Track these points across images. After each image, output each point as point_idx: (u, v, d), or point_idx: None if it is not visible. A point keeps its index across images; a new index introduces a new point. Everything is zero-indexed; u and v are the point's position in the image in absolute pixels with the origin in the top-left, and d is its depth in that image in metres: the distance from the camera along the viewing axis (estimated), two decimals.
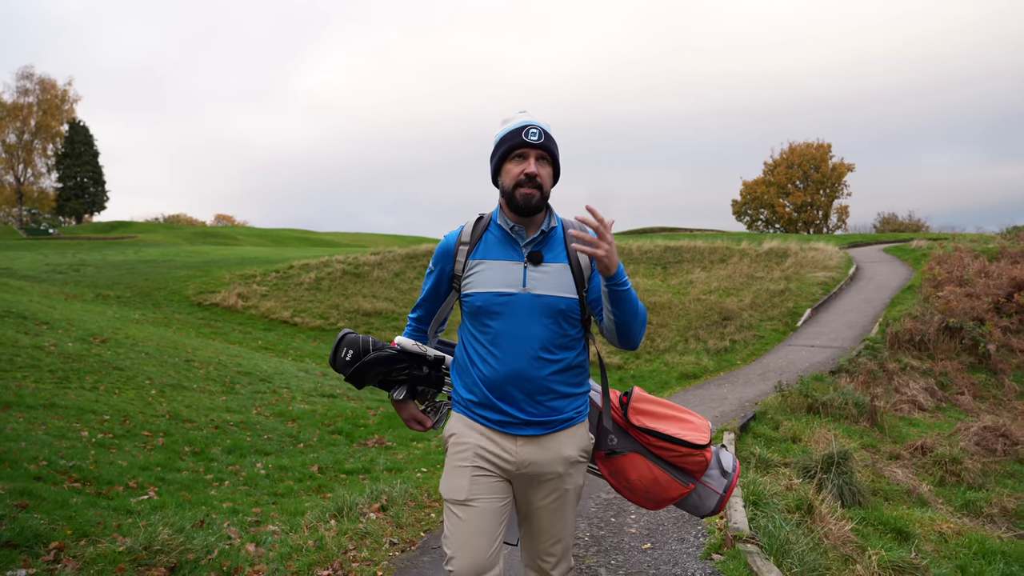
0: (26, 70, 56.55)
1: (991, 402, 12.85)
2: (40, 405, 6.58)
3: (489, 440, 2.20)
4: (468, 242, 2.28)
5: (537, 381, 2.16)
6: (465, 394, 2.26)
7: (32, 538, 3.48)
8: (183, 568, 3.51)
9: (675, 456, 2.25)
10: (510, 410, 2.18)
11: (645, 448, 2.28)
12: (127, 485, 5.02)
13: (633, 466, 2.27)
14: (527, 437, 2.19)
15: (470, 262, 2.25)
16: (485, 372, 2.20)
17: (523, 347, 2.16)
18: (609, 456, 2.30)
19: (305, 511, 4.71)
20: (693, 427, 2.29)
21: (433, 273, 2.35)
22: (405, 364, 2.35)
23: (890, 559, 4.79)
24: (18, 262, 24.04)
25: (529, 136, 2.18)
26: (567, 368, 2.22)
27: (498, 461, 2.19)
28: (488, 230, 2.29)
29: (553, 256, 2.23)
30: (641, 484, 2.27)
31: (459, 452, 2.22)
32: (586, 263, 2.24)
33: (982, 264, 17.82)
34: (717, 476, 2.33)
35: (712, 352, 14.72)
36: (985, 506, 7.42)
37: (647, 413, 2.32)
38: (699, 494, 2.31)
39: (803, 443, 8.12)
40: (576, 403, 2.26)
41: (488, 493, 2.16)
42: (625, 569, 3.76)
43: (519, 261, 2.21)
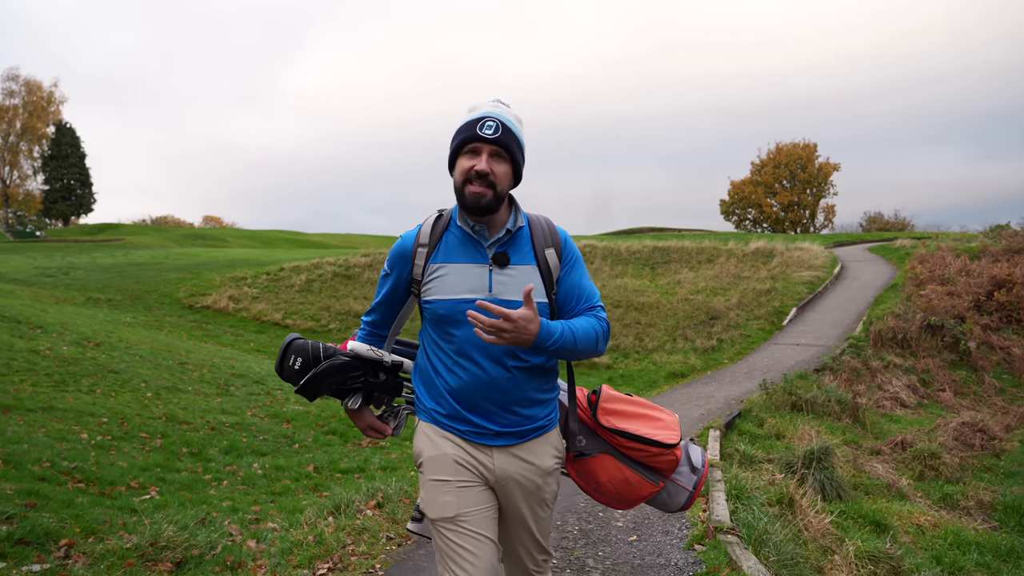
0: (11, 72, 56.25)
1: (972, 398, 13.13)
2: (39, 408, 6.70)
3: (463, 450, 2.08)
4: (427, 244, 2.11)
5: (508, 391, 2.06)
6: (431, 404, 2.14)
7: (43, 535, 3.63)
8: (188, 563, 3.67)
9: (646, 456, 2.19)
10: (481, 422, 2.07)
11: (615, 448, 2.22)
12: (129, 485, 5.16)
13: (603, 467, 2.21)
14: (500, 448, 2.09)
15: (430, 266, 2.10)
16: (452, 383, 2.07)
17: (491, 356, 2.04)
18: (578, 458, 2.23)
19: (303, 509, 4.87)
20: (663, 425, 2.24)
21: (390, 277, 2.19)
22: (360, 372, 2.18)
23: (866, 549, 5.00)
24: (6, 265, 24.00)
25: (483, 129, 2.01)
26: (539, 373, 2.12)
27: (478, 469, 2.08)
28: (448, 230, 2.13)
29: (520, 257, 2.09)
30: (611, 485, 2.22)
31: (437, 466, 2.08)
32: (555, 264, 2.12)
33: (963, 263, 18.15)
34: (687, 473, 2.28)
35: (699, 351, 14.95)
36: (962, 499, 7.65)
37: (616, 413, 2.24)
38: (668, 491, 2.27)
39: (787, 440, 8.33)
40: (547, 409, 2.17)
41: (477, 504, 2.06)
42: (612, 560, 3.94)
43: (484, 264, 2.07)
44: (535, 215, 2.20)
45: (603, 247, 23.65)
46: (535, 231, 2.14)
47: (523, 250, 2.10)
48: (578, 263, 2.18)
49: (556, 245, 2.14)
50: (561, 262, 2.14)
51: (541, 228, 2.15)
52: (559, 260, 2.13)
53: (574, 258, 2.17)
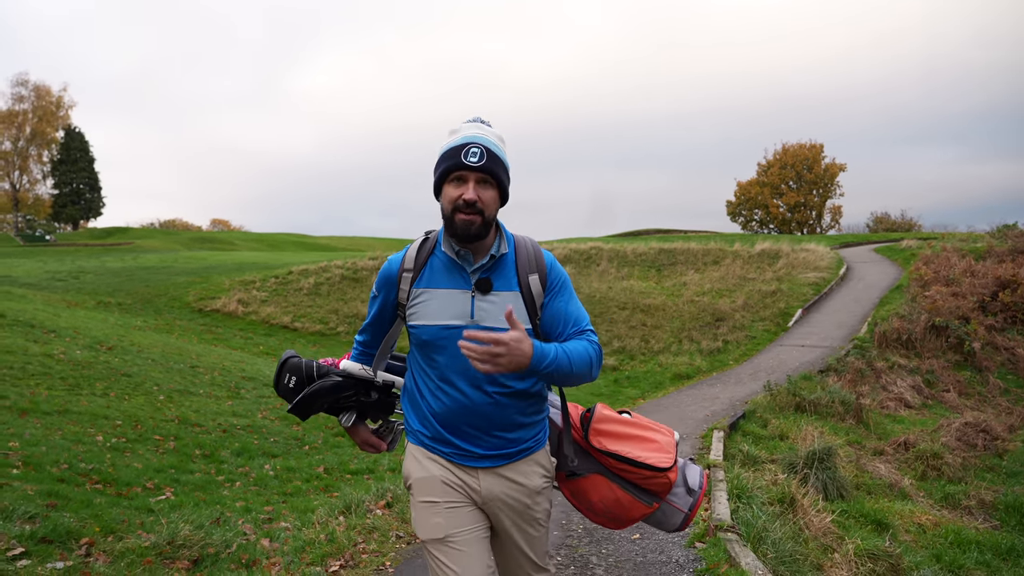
0: (21, 77, 56.85)
1: (976, 399, 13.18)
2: (55, 411, 6.85)
3: (450, 472, 2.08)
4: (412, 268, 2.11)
5: (490, 416, 2.05)
6: (417, 426, 2.14)
7: (64, 534, 3.76)
8: (205, 561, 3.79)
9: (638, 478, 2.16)
10: (465, 445, 2.07)
11: (606, 469, 2.19)
12: (144, 486, 5.30)
13: (595, 487, 2.19)
14: (486, 469, 2.08)
15: (414, 290, 2.09)
16: (435, 407, 2.08)
17: (472, 383, 2.03)
18: (570, 477, 2.22)
19: (315, 509, 5.00)
20: (657, 447, 2.19)
21: (377, 299, 2.19)
22: (352, 391, 2.21)
23: (865, 547, 5.09)
24: (17, 269, 24.24)
25: (468, 157, 1.98)
26: (524, 397, 2.09)
27: (466, 490, 2.08)
28: (433, 254, 2.12)
29: (503, 283, 2.07)
30: (603, 506, 2.20)
31: (425, 489, 2.09)
32: (538, 291, 2.09)
33: (968, 263, 18.18)
34: (682, 494, 2.24)
35: (705, 353, 15.03)
36: (963, 499, 7.72)
37: (608, 434, 2.21)
38: (664, 512, 2.23)
39: (790, 440, 8.41)
40: (534, 431, 2.15)
41: (468, 524, 2.05)
42: (615, 557, 4.06)
43: (467, 290, 2.05)
44: (521, 238, 2.17)
45: (609, 249, 23.75)
46: (520, 256, 2.11)
47: (507, 276, 2.08)
48: (564, 288, 2.14)
49: (541, 271, 2.11)
50: (545, 289, 2.10)
51: (526, 253, 2.12)
52: (543, 287, 2.09)
53: (560, 283, 2.13)
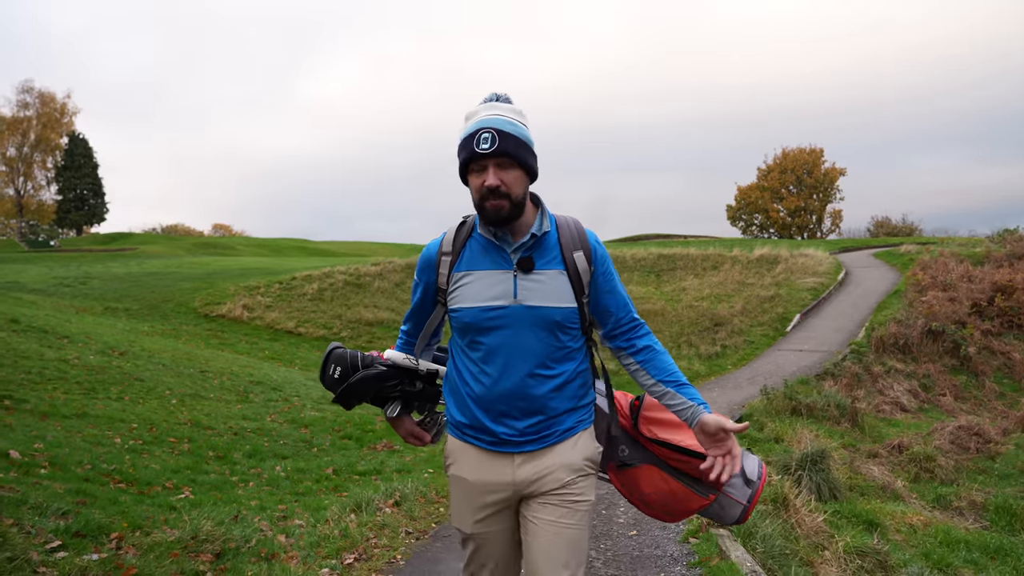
0: (26, 84, 57.18)
1: (972, 403, 13.40)
2: (73, 415, 7.08)
3: (484, 468, 2.06)
4: (451, 252, 2.08)
5: (534, 399, 2.01)
6: (457, 415, 2.12)
7: (96, 529, 3.99)
8: (227, 555, 4.02)
9: (692, 468, 2.08)
10: (502, 430, 2.03)
11: (659, 459, 2.13)
12: (164, 486, 5.53)
13: (648, 479, 2.13)
14: (525, 454, 2.04)
15: (455, 274, 2.07)
16: (476, 391, 2.04)
17: (518, 364, 1.99)
18: (621, 468, 2.16)
19: (326, 507, 5.22)
20: None
21: (419, 286, 2.19)
22: (396, 380, 2.20)
23: (854, 545, 5.32)
24: (24, 275, 24.49)
25: (480, 145, 1.94)
26: (567, 382, 2.06)
27: (499, 490, 2.06)
28: (472, 237, 2.09)
29: (546, 262, 2.02)
30: (657, 498, 2.13)
31: (459, 485, 2.12)
32: (584, 267, 2.04)
33: (966, 268, 18.41)
34: (740, 485, 2.14)
35: (704, 357, 15.26)
36: (955, 500, 7.94)
37: (659, 422, 2.15)
38: (721, 504, 2.14)
39: (785, 443, 8.63)
40: (577, 416, 2.09)
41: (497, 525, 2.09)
42: (613, 552, 4.28)
43: (508, 270, 2.01)
44: (563, 217, 2.12)
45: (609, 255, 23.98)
46: (563, 234, 2.06)
47: (550, 254, 2.03)
48: (608, 268, 2.10)
49: (585, 248, 2.05)
50: (592, 266, 2.05)
51: (569, 231, 2.07)
52: (588, 264, 2.04)
53: (605, 263, 2.09)
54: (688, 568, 3.97)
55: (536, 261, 2.01)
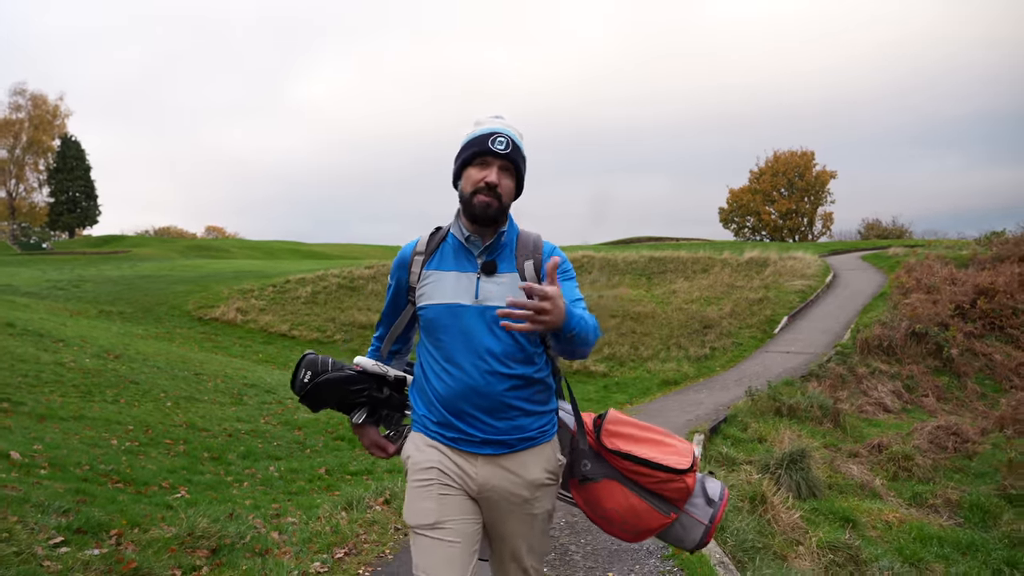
0: (18, 86, 57.21)
1: (954, 403, 13.65)
2: (71, 417, 7.24)
3: (448, 458, 2.11)
4: (424, 252, 2.21)
5: (494, 397, 2.08)
6: (423, 411, 2.18)
7: (96, 526, 4.17)
8: (222, 551, 4.20)
9: (653, 482, 2.12)
10: (465, 428, 2.09)
11: (620, 474, 2.15)
12: (160, 485, 5.70)
13: (609, 494, 2.15)
14: (486, 456, 2.10)
15: (424, 272, 2.19)
16: (440, 389, 2.12)
17: (477, 362, 2.08)
18: (583, 483, 2.19)
19: (319, 505, 5.41)
20: (674, 451, 2.16)
21: (391, 287, 2.30)
22: (364, 386, 2.25)
23: (827, 540, 5.54)
24: (17, 278, 24.53)
25: (495, 145, 2.11)
26: (527, 384, 2.12)
27: (463, 478, 2.10)
28: (445, 241, 2.23)
29: (507, 266, 2.16)
30: (617, 514, 2.15)
31: (421, 471, 2.12)
32: (531, 275, 2.15)
33: (950, 271, 18.69)
34: (702, 504, 2.18)
35: (693, 359, 15.47)
36: (931, 497, 8.16)
37: (622, 436, 2.19)
38: (682, 524, 2.18)
39: (768, 443, 8.85)
40: (540, 421, 2.16)
41: (459, 513, 2.07)
42: (592, 546, 4.48)
43: (472, 272, 2.14)
44: (527, 230, 2.26)
45: (600, 258, 24.21)
46: (521, 243, 2.20)
47: (509, 259, 2.17)
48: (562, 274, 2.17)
49: (536, 258, 2.18)
50: (539, 274, 2.15)
51: (527, 241, 2.21)
52: (536, 272, 2.15)
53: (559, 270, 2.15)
54: (662, 560, 4.16)
55: (499, 264, 2.15)
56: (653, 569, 4.04)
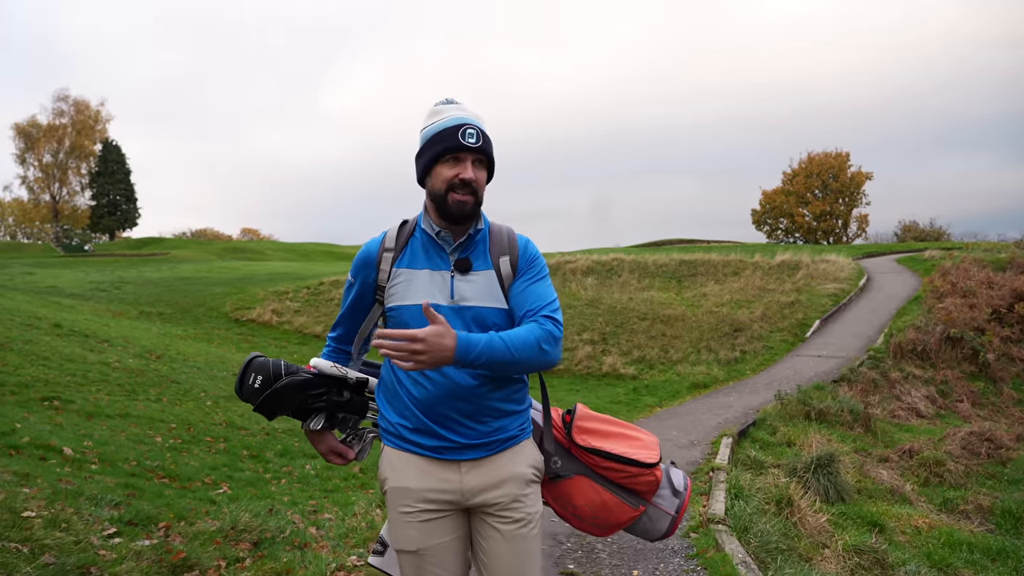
0: (61, 92, 58.88)
1: (989, 409, 13.46)
2: (117, 415, 7.54)
3: (430, 475, 2.02)
4: (393, 248, 2.10)
5: (476, 400, 2.01)
6: (396, 418, 2.07)
7: (145, 519, 4.39)
8: (263, 544, 4.41)
9: (623, 477, 2.13)
10: (447, 434, 2.01)
11: (591, 469, 2.15)
12: (203, 481, 5.94)
13: (579, 490, 2.14)
14: (470, 462, 2.03)
15: (395, 271, 2.08)
16: (416, 394, 2.01)
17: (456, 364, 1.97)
18: (553, 480, 2.15)
19: (353, 503, 5.60)
20: (642, 444, 2.18)
21: (354, 286, 2.16)
22: (322, 390, 2.10)
23: (853, 543, 5.58)
24: (61, 280, 25.31)
25: (467, 138, 2.01)
26: (506, 383, 2.07)
27: (444, 497, 2.02)
28: (414, 236, 2.12)
29: (481, 263, 2.08)
30: (588, 510, 2.13)
31: (400, 499, 2.04)
32: (507, 272, 2.09)
33: (987, 275, 18.40)
34: (668, 496, 2.21)
35: (723, 362, 15.46)
36: (962, 503, 8.12)
37: (592, 432, 2.18)
38: (649, 516, 2.19)
39: (796, 447, 8.87)
40: (520, 420, 2.11)
41: (441, 535, 2.03)
42: (618, 545, 4.60)
43: (446, 270, 2.06)
44: (499, 224, 2.19)
45: (631, 260, 24.24)
46: (494, 238, 2.13)
47: (482, 256, 2.09)
48: (532, 268, 2.12)
49: (512, 253, 2.11)
50: (515, 270, 2.09)
51: (500, 235, 2.14)
52: (512, 269, 2.09)
53: (529, 264, 2.12)
54: (686, 559, 4.27)
55: (473, 262, 2.07)
56: (677, 568, 4.15)
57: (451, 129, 2.02)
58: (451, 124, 2.03)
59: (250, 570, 3.92)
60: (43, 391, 7.62)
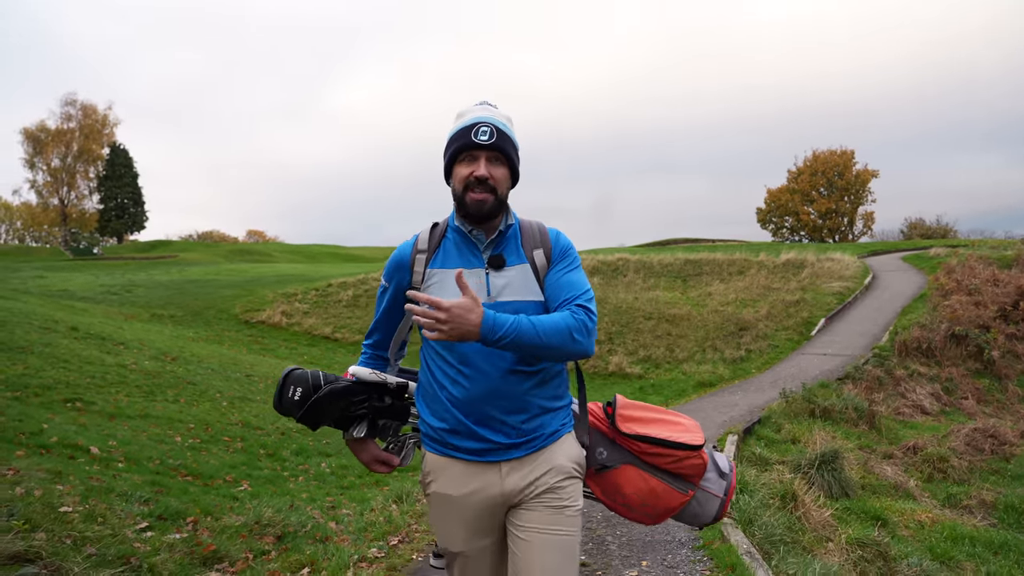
0: (69, 97, 59.22)
1: (995, 406, 13.58)
2: (137, 416, 7.74)
3: (471, 479, 2.02)
4: (426, 249, 2.11)
5: (516, 398, 2.00)
6: (436, 423, 2.06)
7: (174, 514, 4.58)
8: (287, 538, 4.59)
9: (670, 462, 2.12)
10: (488, 435, 2.00)
11: (637, 458, 2.14)
12: (224, 479, 6.13)
13: (627, 479, 2.13)
14: (511, 462, 2.02)
15: (429, 271, 2.08)
16: (456, 394, 2.00)
17: (497, 361, 1.98)
18: (600, 472, 2.15)
19: (370, 499, 5.78)
20: (684, 428, 2.18)
21: (388, 290, 2.17)
22: (363, 396, 2.11)
23: (856, 536, 5.73)
24: (72, 283, 25.55)
25: (478, 136, 2.02)
26: (547, 380, 2.08)
27: (487, 500, 2.02)
28: (446, 236, 2.13)
29: (514, 258, 2.08)
30: (638, 498, 2.13)
31: (442, 505, 2.06)
32: (543, 263, 2.09)
33: (992, 272, 18.49)
34: (715, 479, 2.20)
35: (728, 361, 15.59)
36: (965, 499, 8.25)
37: (635, 419, 2.18)
38: (699, 500, 2.18)
39: (801, 444, 9.01)
40: (560, 417, 2.11)
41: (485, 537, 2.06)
42: (628, 537, 4.77)
43: (480, 268, 2.06)
44: (528, 219, 2.19)
45: (636, 260, 24.38)
46: (524, 232, 2.14)
47: (516, 250, 2.10)
48: (566, 258, 2.13)
49: (545, 245, 2.12)
50: (549, 261, 2.11)
51: (530, 229, 2.15)
52: (547, 260, 2.10)
53: (563, 254, 2.13)
54: (693, 551, 4.44)
55: (506, 258, 2.07)
56: (684, 558, 4.32)
57: (465, 128, 2.05)
58: (467, 124, 2.06)
59: (276, 562, 4.11)
60: (65, 393, 7.82)
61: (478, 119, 2.05)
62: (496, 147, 2.03)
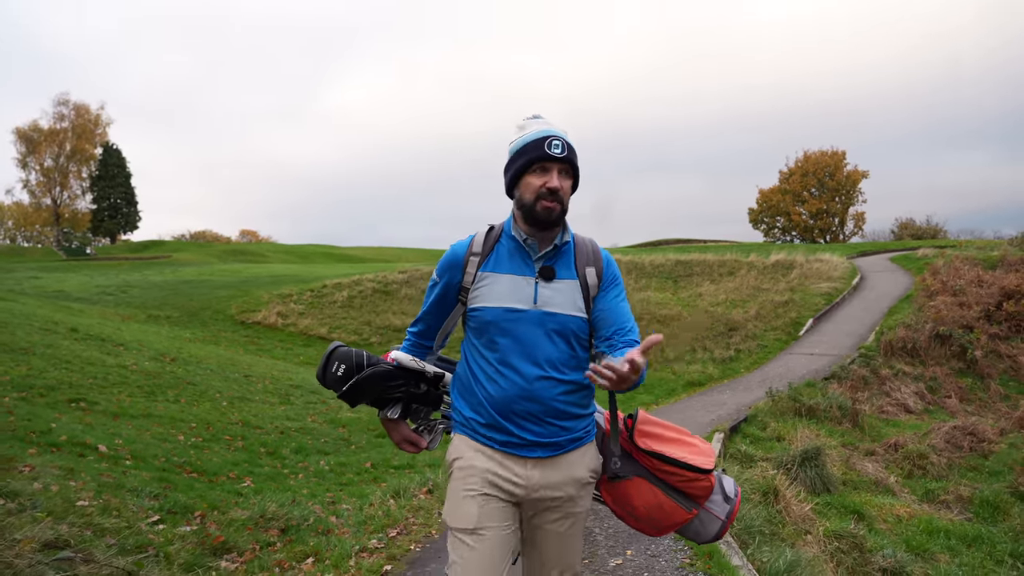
0: (62, 97, 59.10)
1: (977, 404, 13.89)
2: (140, 415, 7.95)
3: (497, 464, 2.14)
4: (480, 252, 2.21)
5: (546, 402, 2.12)
6: (469, 414, 2.19)
7: (182, 508, 4.81)
8: (290, 530, 4.83)
9: (681, 481, 2.22)
10: (517, 431, 2.12)
11: (650, 472, 2.24)
12: (227, 476, 6.35)
13: (637, 491, 2.23)
14: (536, 459, 2.15)
15: (480, 274, 2.18)
16: (492, 392, 2.14)
17: (533, 367, 2.11)
18: (612, 480, 2.25)
19: (369, 495, 6.02)
20: (698, 451, 2.27)
21: (438, 285, 2.26)
22: (401, 381, 2.25)
23: (833, 529, 6.01)
24: (67, 284, 25.65)
25: (553, 148, 2.12)
26: (577, 389, 2.18)
27: (508, 486, 2.13)
28: (500, 242, 2.23)
29: (565, 272, 2.18)
30: (645, 510, 2.23)
31: (466, 477, 2.14)
32: (594, 283, 2.20)
33: (977, 273, 18.82)
34: (720, 502, 2.30)
35: (717, 361, 15.88)
36: (942, 494, 8.54)
37: (653, 436, 2.27)
38: (701, 520, 2.28)
39: (786, 442, 9.28)
40: (584, 423, 2.23)
41: (499, 520, 2.11)
42: (614, 529, 5.01)
43: (530, 276, 2.17)
44: (582, 236, 2.30)
45: (627, 261, 24.65)
46: (579, 249, 2.24)
47: (567, 265, 2.19)
48: (617, 285, 2.25)
49: (598, 265, 2.23)
50: (600, 282, 2.21)
51: (585, 248, 2.25)
52: (598, 280, 2.20)
53: (614, 280, 2.25)
54: (674, 540, 4.69)
55: (557, 271, 2.17)
56: (667, 548, 4.57)
57: (538, 141, 2.15)
58: (538, 136, 2.16)
59: (282, 552, 4.35)
60: (68, 393, 8.02)
61: (550, 132, 2.16)
62: (568, 160, 2.16)
